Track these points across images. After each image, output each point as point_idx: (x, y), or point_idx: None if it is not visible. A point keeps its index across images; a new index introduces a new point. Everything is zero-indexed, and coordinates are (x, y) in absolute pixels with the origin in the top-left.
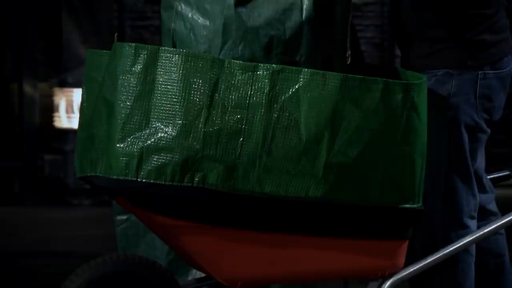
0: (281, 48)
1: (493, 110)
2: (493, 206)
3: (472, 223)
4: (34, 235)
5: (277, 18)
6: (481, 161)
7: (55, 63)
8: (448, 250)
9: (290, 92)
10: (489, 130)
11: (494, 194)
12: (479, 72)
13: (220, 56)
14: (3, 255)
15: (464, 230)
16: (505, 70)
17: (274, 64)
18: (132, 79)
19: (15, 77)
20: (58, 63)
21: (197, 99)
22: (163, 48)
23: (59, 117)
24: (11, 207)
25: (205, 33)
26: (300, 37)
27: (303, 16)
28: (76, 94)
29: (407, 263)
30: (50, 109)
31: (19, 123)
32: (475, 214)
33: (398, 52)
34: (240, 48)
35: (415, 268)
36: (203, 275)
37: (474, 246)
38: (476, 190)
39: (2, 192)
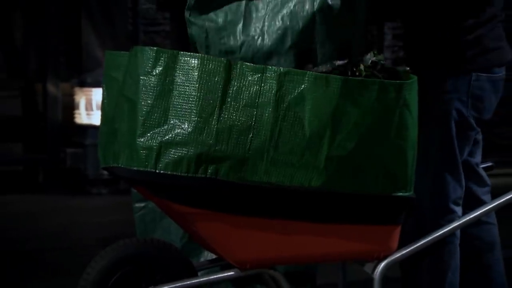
0: (296, 39)
1: (483, 110)
2: (487, 197)
3: (458, 209)
4: (57, 221)
5: (291, 10)
6: (478, 156)
7: (75, 65)
8: (438, 233)
9: (295, 93)
10: (478, 128)
11: (490, 187)
12: (473, 74)
13: (242, 50)
14: (29, 240)
15: (451, 215)
16: (497, 74)
17: (291, 54)
18: (152, 79)
19: (39, 77)
20: (78, 65)
21: (211, 99)
22: (182, 52)
23: (79, 114)
24: (36, 196)
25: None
26: (313, 27)
27: (315, 7)
28: (95, 93)
29: (398, 246)
30: (71, 107)
31: (43, 119)
32: (460, 201)
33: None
34: (258, 42)
35: (407, 250)
36: (214, 256)
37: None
38: (463, 179)
39: (28, 182)
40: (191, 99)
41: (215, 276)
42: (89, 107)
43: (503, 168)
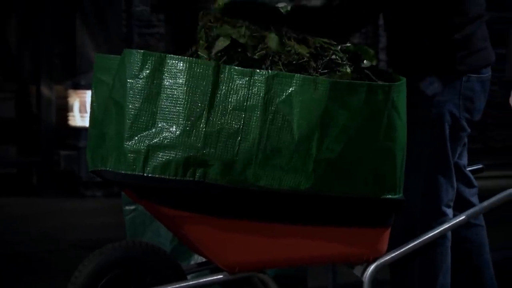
0: None
1: (474, 111)
2: (476, 199)
3: (449, 211)
4: (51, 223)
5: None
6: (465, 158)
7: (69, 67)
8: (428, 236)
9: (284, 96)
10: (469, 130)
11: (477, 189)
12: (464, 75)
13: None
14: (23, 242)
15: (443, 218)
16: (486, 75)
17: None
18: (140, 82)
19: (34, 80)
20: (72, 67)
21: (199, 102)
22: (169, 55)
23: (73, 116)
24: (30, 198)
25: None
26: None
27: None
28: (89, 96)
29: (389, 248)
30: (65, 109)
31: (37, 122)
32: (452, 203)
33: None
34: None
35: (397, 252)
36: (204, 260)
37: (450, 231)
38: (455, 181)
39: (22, 184)
40: (179, 102)
41: (204, 280)
42: (83, 109)
43: (498, 171)
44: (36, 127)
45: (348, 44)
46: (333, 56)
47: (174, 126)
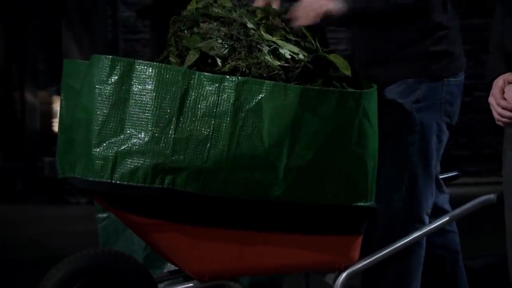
0: None
1: (453, 114)
2: (448, 206)
3: (427, 219)
4: (35, 230)
5: None
6: (438, 164)
7: (54, 73)
8: (400, 243)
9: (254, 102)
10: (448, 133)
11: (448, 195)
12: (444, 80)
13: None
14: (6, 248)
15: (421, 225)
16: (461, 78)
17: None
18: (108, 88)
19: (18, 86)
20: (57, 73)
21: (168, 108)
22: (138, 61)
23: (57, 123)
24: (14, 205)
25: None
26: None
27: None
28: None
29: (362, 256)
30: (49, 115)
31: (21, 128)
32: (430, 211)
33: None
34: None
35: (368, 260)
36: (176, 268)
37: (424, 239)
38: (434, 189)
39: (6, 191)
40: (147, 108)
41: None
42: None
43: (487, 177)
44: (20, 134)
45: (322, 52)
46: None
47: (142, 133)
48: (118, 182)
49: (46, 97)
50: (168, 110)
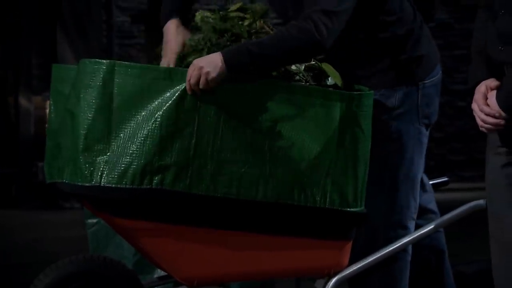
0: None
1: (431, 115)
2: (433, 205)
3: (411, 224)
4: (30, 235)
5: None
6: (422, 164)
7: (48, 79)
8: (388, 250)
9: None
10: (428, 133)
11: (433, 193)
12: (419, 83)
13: None
14: (1, 254)
15: (404, 231)
16: (436, 76)
17: None
18: (92, 92)
19: (12, 91)
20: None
21: (152, 107)
22: (119, 62)
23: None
24: (8, 210)
25: None
26: None
27: None
28: None
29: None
30: (44, 120)
31: (15, 133)
32: (415, 216)
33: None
34: None
35: (358, 266)
36: (166, 273)
37: (411, 245)
38: (418, 193)
39: (0, 196)
40: (132, 109)
41: None
42: None
43: (482, 182)
44: (14, 139)
45: (313, 62)
46: (297, 77)
47: (129, 134)
48: (106, 185)
49: (40, 102)
50: (153, 110)
